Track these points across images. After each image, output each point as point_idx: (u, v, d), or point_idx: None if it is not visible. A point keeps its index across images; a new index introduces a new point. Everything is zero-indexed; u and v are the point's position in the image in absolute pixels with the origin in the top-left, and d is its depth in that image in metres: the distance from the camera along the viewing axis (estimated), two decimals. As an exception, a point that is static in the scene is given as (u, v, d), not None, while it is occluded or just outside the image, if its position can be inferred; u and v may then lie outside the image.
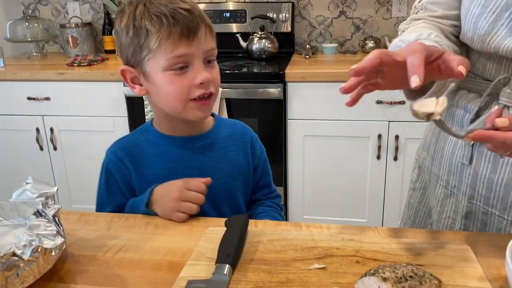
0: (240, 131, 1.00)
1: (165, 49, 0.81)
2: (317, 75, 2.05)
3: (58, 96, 2.28)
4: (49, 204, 0.71)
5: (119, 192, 0.94)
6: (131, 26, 0.83)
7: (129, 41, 0.84)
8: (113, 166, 0.93)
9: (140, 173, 0.92)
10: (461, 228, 0.86)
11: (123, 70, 0.88)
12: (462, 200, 0.86)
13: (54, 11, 2.82)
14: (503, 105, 0.76)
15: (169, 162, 0.91)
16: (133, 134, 0.97)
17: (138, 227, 0.81)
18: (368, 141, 2.10)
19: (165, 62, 0.82)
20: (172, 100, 0.85)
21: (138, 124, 2.21)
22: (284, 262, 0.67)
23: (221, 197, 0.94)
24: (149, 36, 0.81)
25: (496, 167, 0.78)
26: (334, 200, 2.22)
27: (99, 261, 0.71)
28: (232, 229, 0.71)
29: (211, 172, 0.91)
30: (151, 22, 0.81)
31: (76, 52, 2.62)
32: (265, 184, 1.04)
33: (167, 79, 0.83)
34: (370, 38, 2.46)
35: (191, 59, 0.83)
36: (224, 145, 0.96)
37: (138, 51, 0.84)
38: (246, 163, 0.98)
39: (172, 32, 0.81)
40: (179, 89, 0.84)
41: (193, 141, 0.93)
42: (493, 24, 0.74)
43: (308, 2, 2.57)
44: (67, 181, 2.43)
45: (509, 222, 0.80)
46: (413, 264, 0.62)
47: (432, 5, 0.87)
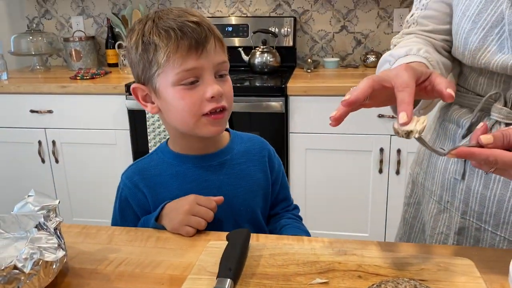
0: (257, 145, 0.98)
1: (173, 63, 0.80)
2: (319, 89, 2.06)
3: (61, 109, 2.29)
4: (50, 217, 0.70)
5: (134, 217, 0.92)
6: (140, 42, 0.82)
7: (139, 57, 0.83)
8: (128, 192, 0.91)
9: (157, 195, 0.90)
10: (454, 244, 0.86)
11: (134, 88, 0.87)
12: (455, 215, 0.85)
13: (58, 25, 2.85)
14: (495, 121, 0.76)
15: (187, 183, 0.89)
16: (148, 156, 0.95)
17: (140, 241, 0.81)
18: (370, 155, 2.10)
19: (174, 76, 0.81)
20: (183, 115, 0.83)
21: (139, 137, 2.23)
22: (286, 277, 0.66)
23: (242, 214, 0.92)
24: (158, 51, 0.80)
25: (489, 183, 0.78)
26: (336, 214, 2.21)
27: (100, 274, 0.71)
28: (234, 243, 0.71)
29: (231, 189, 0.90)
30: (159, 36, 0.80)
31: (79, 65, 2.65)
32: (283, 197, 1.02)
33: (177, 94, 0.82)
34: (371, 53, 2.47)
35: (201, 72, 0.82)
36: (242, 161, 0.94)
37: (148, 67, 0.83)
38: (265, 178, 0.96)
39: (180, 45, 0.80)
40: (189, 103, 0.82)
41: (210, 158, 0.91)
42: (483, 40, 0.74)
43: (310, 17, 2.59)
44: (68, 194, 2.43)
45: (502, 238, 0.79)
46: (415, 279, 0.61)
47: (423, 19, 0.87)
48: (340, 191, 2.18)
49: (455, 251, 0.75)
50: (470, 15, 0.76)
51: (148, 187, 0.90)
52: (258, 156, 0.96)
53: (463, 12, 0.78)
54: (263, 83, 2.25)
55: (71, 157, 2.37)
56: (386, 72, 0.65)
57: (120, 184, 0.94)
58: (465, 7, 0.77)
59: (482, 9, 0.74)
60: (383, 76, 0.63)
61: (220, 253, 0.69)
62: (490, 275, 0.67)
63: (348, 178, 2.15)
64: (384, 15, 2.52)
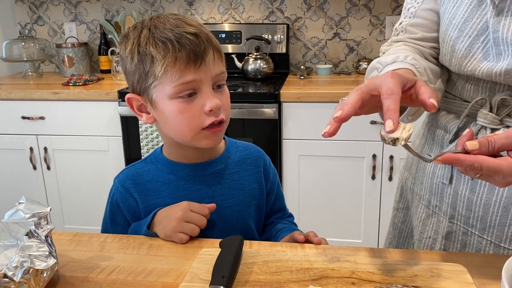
0: (253, 154, 0.96)
1: (171, 76, 0.78)
2: (312, 96, 2.07)
3: (53, 115, 2.28)
4: (41, 224, 0.70)
5: (124, 222, 0.91)
6: (135, 52, 0.80)
7: (134, 67, 0.81)
8: (119, 196, 0.90)
9: (148, 202, 0.89)
10: (441, 248, 0.86)
11: (129, 98, 0.85)
12: (443, 220, 0.86)
13: (50, 31, 2.84)
14: (481, 126, 0.77)
15: (179, 191, 0.88)
16: (142, 162, 0.94)
17: (132, 248, 0.80)
18: (363, 161, 2.11)
19: (171, 89, 0.79)
20: (181, 129, 0.82)
21: (132, 144, 2.22)
22: (279, 284, 0.66)
23: (234, 225, 0.90)
24: (155, 63, 0.78)
25: (475, 187, 0.79)
26: (329, 220, 2.21)
27: (91, 283, 0.70)
28: (227, 250, 0.71)
29: (223, 199, 0.89)
30: (156, 48, 0.78)
31: (72, 71, 2.64)
32: (279, 208, 1.01)
33: (176, 107, 0.80)
34: (363, 60, 2.49)
35: (199, 85, 0.79)
36: (236, 170, 0.92)
37: (144, 78, 0.80)
38: (259, 189, 0.94)
39: (178, 58, 0.77)
40: (189, 118, 0.80)
41: (204, 167, 0.90)
42: (470, 48, 0.76)
43: (303, 24, 2.61)
44: (60, 201, 2.41)
45: (488, 242, 0.80)
46: (409, 285, 0.61)
47: (412, 27, 0.88)
48: (333, 197, 2.18)
49: (447, 257, 0.75)
50: (456, 24, 0.77)
51: (139, 192, 0.89)
52: (253, 166, 0.95)
53: (450, 20, 0.79)
54: (257, 90, 2.25)
55: (63, 163, 2.35)
56: (373, 80, 0.65)
57: (112, 187, 0.93)
58: (452, 15, 0.78)
59: (468, 18, 0.76)
60: (370, 85, 0.64)
61: (213, 260, 0.68)
62: (481, 280, 0.67)
63: (341, 184, 2.16)
64: (376, 23, 2.54)
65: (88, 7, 2.76)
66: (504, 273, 0.56)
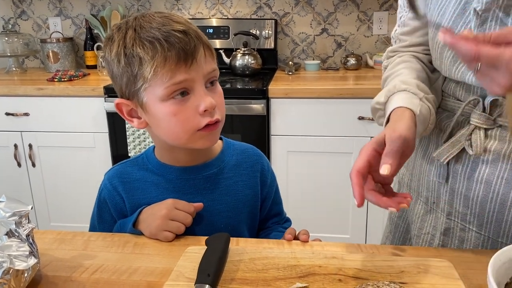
0: (251, 158, 0.92)
1: (161, 77, 0.74)
2: (300, 92, 2.06)
3: (38, 111, 2.24)
4: (23, 223, 0.68)
5: (111, 219, 0.89)
6: (122, 54, 0.76)
7: (122, 71, 0.77)
8: (106, 193, 0.89)
9: (135, 201, 0.86)
10: (440, 244, 0.86)
11: (118, 103, 0.81)
12: (441, 216, 0.86)
13: (35, 26, 2.79)
14: (474, 126, 0.78)
15: (167, 194, 0.85)
16: (133, 160, 0.91)
17: (116, 247, 0.79)
18: (351, 157, 2.11)
19: (163, 91, 0.75)
20: (176, 131, 0.78)
21: (119, 140, 2.20)
22: (266, 282, 0.65)
23: (222, 231, 0.87)
24: (143, 65, 0.74)
25: (471, 185, 0.79)
26: (317, 216, 2.21)
27: (74, 282, 0.68)
28: (213, 248, 0.70)
29: (213, 205, 0.86)
30: (144, 48, 0.74)
31: (57, 67, 2.60)
32: (276, 213, 0.98)
33: (168, 110, 0.76)
34: (351, 55, 2.49)
35: (191, 85, 0.76)
36: (230, 175, 0.89)
37: (133, 81, 0.77)
38: (253, 196, 0.91)
39: (167, 58, 0.73)
40: (183, 120, 0.77)
41: (196, 171, 0.86)
42: (456, 56, 0.76)
43: (291, 19, 2.60)
44: (46, 199, 2.38)
45: (486, 238, 0.80)
46: (396, 282, 0.61)
47: (403, 35, 0.91)
48: (322, 192, 2.18)
49: (435, 253, 0.75)
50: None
51: (126, 191, 0.88)
52: (249, 171, 0.91)
53: (436, 27, 0.79)
54: (245, 86, 2.24)
55: (48, 160, 2.32)
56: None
57: (102, 183, 0.91)
58: (437, 24, 0.79)
59: (453, 26, 0.75)
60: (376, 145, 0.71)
61: (199, 258, 0.68)
62: (469, 276, 0.67)
63: (329, 180, 2.16)
64: (364, 18, 2.54)
65: (73, 1, 2.71)
66: (490, 268, 0.56)
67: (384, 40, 2.57)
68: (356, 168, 0.68)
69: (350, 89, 2.03)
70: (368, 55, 2.53)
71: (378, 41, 2.57)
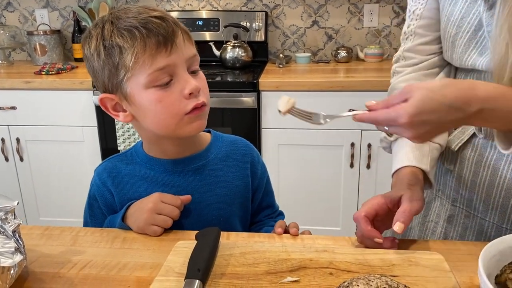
0: (240, 149, 0.92)
1: (143, 64, 0.74)
2: (291, 84, 2.05)
3: (25, 105, 2.21)
4: (9, 219, 0.67)
5: (101, 215, 0.89)
6: (101, 47, 0.75)
7: (102, 64, 0.76)
8: (96, 189, 0.88)
9: (124, 196, 0.86)
10: (442, 232, 0.89)
11: (102, 99, 0.80)
12: (446, 203, 0.89)
13: (21, 18, 2.74)
14: None
15: (156, 187, 0.84)
16: (122, 155, 0.91)
17: (105, 242, 0.78)
18: (342, 150, 2.11)
19: (146, 78, 0.75)
20: (163, 118, 0.77)
21: (108, 134, 2.18)
22: (257, 276, 0.65)
23: (213, 223, 0.86)
24: (123, 53, 0.74)
25: (479, 169, 0.81)
26: (308, 208, 2.22)
27: (62, 278, 0.67)
28: (203, 242, 0.69)
29: (203, 197, 0.86)
30: (123, 37, 0.74)
31: (44, 60, 2.56)
32: (267, 205, 0.98)
33: (153, 97, 0.76)
34: (342, 48, 2.48)
35: (174, 70, 0.76)
36: (219, 167, 0.88)
37: (114, 72, 0.76)
38: (244, 187, 0.90)
39: (147, 43, 0.73)
40: (168, 105, 0.76)
41: (185, 163, 0.86)
42: (468, 43, 0.78)
43: (281, 11, 2.58)
44: (34, 193, 2.35)
45: (490, 224, 0.82)
46: (387, 275, 0.61)
47: (420, 29, 0.88)
48: (312, 185, 2.18)
49: (426, 245, 0.75)
50: (454, 20, 0.79)
51: (116, 186, 0.87)
52: (239, 162, 0.91)
53: (448, 17, 0.81)
54: (235, 78, 2.22)
55: (36, 155, 2.29)
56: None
57: (92, 180, 0.90)
58: (449, 13, 0.80)
59: (465, 14, 0.77)
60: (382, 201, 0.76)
61: (189, 253, 0.67)
62: (459, 269, 0.67)
63: (320, 172, 2.16)
64: (355, 11, 2.53)
65: (61, -7, 2.67)
66: (480, 261, 0.56)
67: (374, 33, 2.56)
68: (364, 213, 0.73)
69: (341, 82, 2.03)
70: (359, 48, 2.53)
71: (368, 33, 2.57)
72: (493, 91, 0.63)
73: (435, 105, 0.61)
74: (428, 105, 0.61)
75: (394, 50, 2.56)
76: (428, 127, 0.62)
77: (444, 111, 0.61)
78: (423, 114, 0.61)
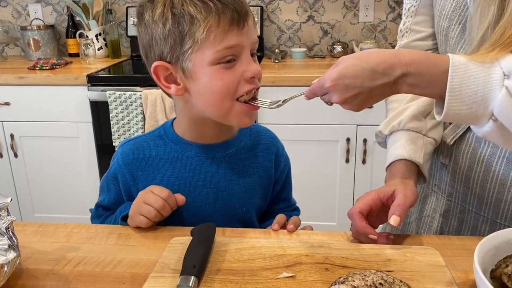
0: (266, 140, 0.91)
1: (214, 39, 0.71)
2: (286, 79, 2.05)
3: (19, 101, 2.19)
4: (2, 216, 0.66)
5: (117, 191, 0.86)
6: (169, 15, 0.71)
7: (167, 33, 0.72)
8: (117, 168, 0.85)
9: (149, 179, 0.83)
10: (439, 227, 0.89)
11: (157, 66, 0.75)
12: (442, 198, 0.89)
13: (14, 12, 2.72)
14: None
15: (184, 171, 0.83)
16: (149, 135, 0.87)
17: (100, 238, 0.77)
18: (337, 145, 2.11)
19: (213, 54, 0.72)
20: (219, 98, 0.74)
21: (103, 129, 2.16)
22: (252, 272, 0.65)
23: (236, 212, 0.86)
24: (195, 24, 0.70)
25: (473, 165, 0.81)
26: (304, 203, 2.20)
27: (56, 275, 0.67)
28: (198, 238, 0.69)
29: (229, 185, 0.85)
30: (196, 7, 0.70)
31: (38, 55, 2.54)
32: (284, 197, 0.97)
33: (215, 74, 0.73)
34: (338, 43, 2.48)
35: (240, 50, 0.73)
36: (246, 156, 0.87)
37: (179, 43, 0.72)
38: (267, 178, 0.90)
39: (221, 18, 0.70)
40: (228, 84, 0.73)
41: (215, 150, 0.84)
42: (461, 35, 0.78)
43: (277, 6, 2.57)
44: (29, 190, 2.34)
45: (484, 219, 0.82)
46: (382, 270, 0.61)
47: (416, 25, 0.89)
48: (308, 180, 2.18)
49: (421, 240, 0.75)
50: (446, 13, 0.80)
51: (141, 168, 0.84)
52: (265, 153, 0.89)
53: (440, 11, 0.81)
54: (230, 74, 2.21)
55: (31, 151, 2.27)
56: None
57: (115, 156, 0.87)
58: (441, 7, 0.81)
59: (456, 7, 0.78)
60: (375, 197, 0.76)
61: (184, 249, 0.67)
62: (455, 263, 0.67)
63: (315, 168, 2.16)
64: (350, 5, 2.53)
65: (54, -13, 2.64)
66: (476, 255, 0.57)
67: (370, 28, 2.56)
68: (359, 210, 0.73)
69: (337, 77, 2.02)
70: (355, 43, 2.52)
71: (364, 28, 2.56)
72: (417, 55, 0.63)
73: (357, 70, 0.62)
74: (350, 70, 0.63)
75: (389, 45, 2.56)
76: (354, 91, 0.63)
77: (367, 76, 0.62)
78: (345, 78, 0.63)
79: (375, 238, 0.71)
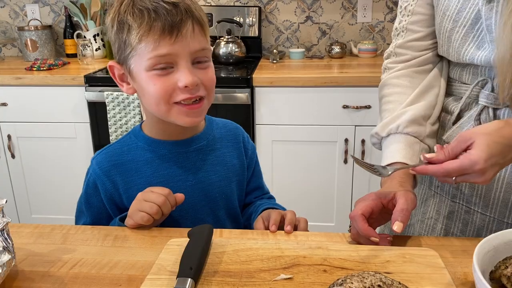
0: (233, 131, 0.96)
1: (146, 47, 0.76)
2: (284, 80, 2.04)
3: (16, 101, 2.18)
4: (-3, 217, 0.65)
5: (100, 204, 0.87)
6: (115, 20, 0.79)
7: (114, 37, 0.80)
8: (96, 178, 0.87)
9: (130, 182, 0.86)
10: (443, 228, 0.89)
11: (111, 65, 0.84)
12: (445, 199, 0.88)
13: (12, 13, 2.71)
14: (483, 106, 0.79)
15: (162, 169, 0.86)
16: (120, 141, 0.91)
17: (96, 240, 0.77)
18: (335, 146, 2.11)
19: (146, 61, 0.76)
20: (155, 101, 0.79)
21: (100, 130, 2.16)
22: (250, 274, 0.64)
23: (218, 202, 0.90)
24: (131, 32, 0.77)
25: None
26: (302, 204, 2.21)
27: (52, 277, 0.66)
28: (195, 240, 0.68)
29: (207, 176, 0.89)
30: (133, 16, 0.76)
31: (36, 56, 2.53)
32: (257, 186, 1.00)
33: (149, 79, 0.78)
34: (336, 43, 2.47)
35: (175, 59, 0.77)
36: (218, 147, 0.92)
37: (123, 47, 0.79)
38: (240, 165, 0.94)
39: (152, 27, 0.75)
40: (160, 90, 0.77)
41: (186, 144, 0.88)
42: (465, 37, 0.78)
43: (275, 6, 2.57)
44: (26, 190, 2.33)
45: (491, 219, 0.82)
46: (381, 272, 0.60)
47: (412, 25, 0.88)
48: (306, 181, 2.18)
49: (420, 242, 0.74)
50: (450, 15, 0.79)
51: (121, 174, 0.86)
52: (233, 142, 0.95)
53: (444, 12, 0.80)
54: (229, 74, 2.21)
55: (28, 151, 2.26)
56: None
57: (89, 168, 0.89)
58: (445, 7, 0.80)
59: (461, 8, 0.77)
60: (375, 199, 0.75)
61: (181, 251, 0.66)
62: (454, 265, 0.67)
63: (314, 168, 2.16)
64: (348, 6, 2.53)
65: (52, -12, 2.64)
66: (475, 257, 0.56)
67: (368, 28, 2.56)
68: (361, 212, 0.73)
69: (335, 78, 2.02)
70: (353, 43, 2.52)
71: (362, 29, 2.56)
72: None
73: (500, 147, 0.65)
74: (495, 149, 0.64)
75: (387, 45, 2.55)
76: (497, 168, 0.66)
77: (507, 152, 0.65)
78: (493, 158, 0.64)
79: (377, 240, 0.70)
